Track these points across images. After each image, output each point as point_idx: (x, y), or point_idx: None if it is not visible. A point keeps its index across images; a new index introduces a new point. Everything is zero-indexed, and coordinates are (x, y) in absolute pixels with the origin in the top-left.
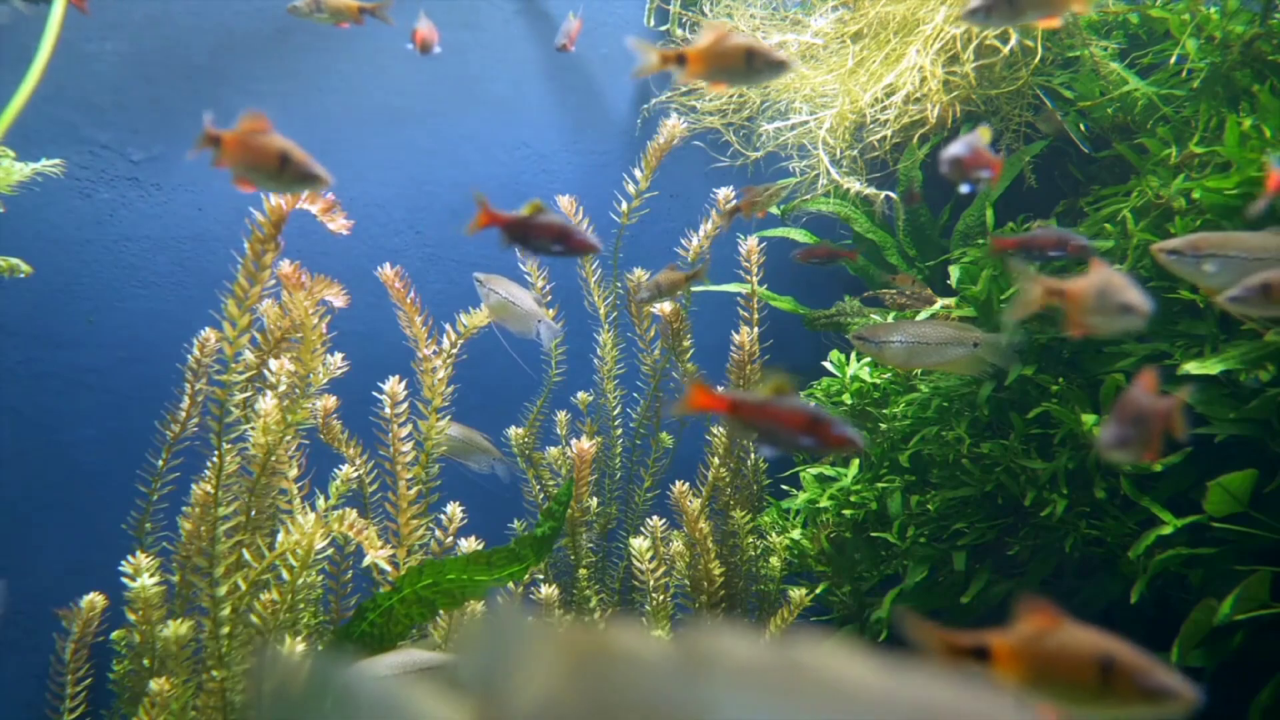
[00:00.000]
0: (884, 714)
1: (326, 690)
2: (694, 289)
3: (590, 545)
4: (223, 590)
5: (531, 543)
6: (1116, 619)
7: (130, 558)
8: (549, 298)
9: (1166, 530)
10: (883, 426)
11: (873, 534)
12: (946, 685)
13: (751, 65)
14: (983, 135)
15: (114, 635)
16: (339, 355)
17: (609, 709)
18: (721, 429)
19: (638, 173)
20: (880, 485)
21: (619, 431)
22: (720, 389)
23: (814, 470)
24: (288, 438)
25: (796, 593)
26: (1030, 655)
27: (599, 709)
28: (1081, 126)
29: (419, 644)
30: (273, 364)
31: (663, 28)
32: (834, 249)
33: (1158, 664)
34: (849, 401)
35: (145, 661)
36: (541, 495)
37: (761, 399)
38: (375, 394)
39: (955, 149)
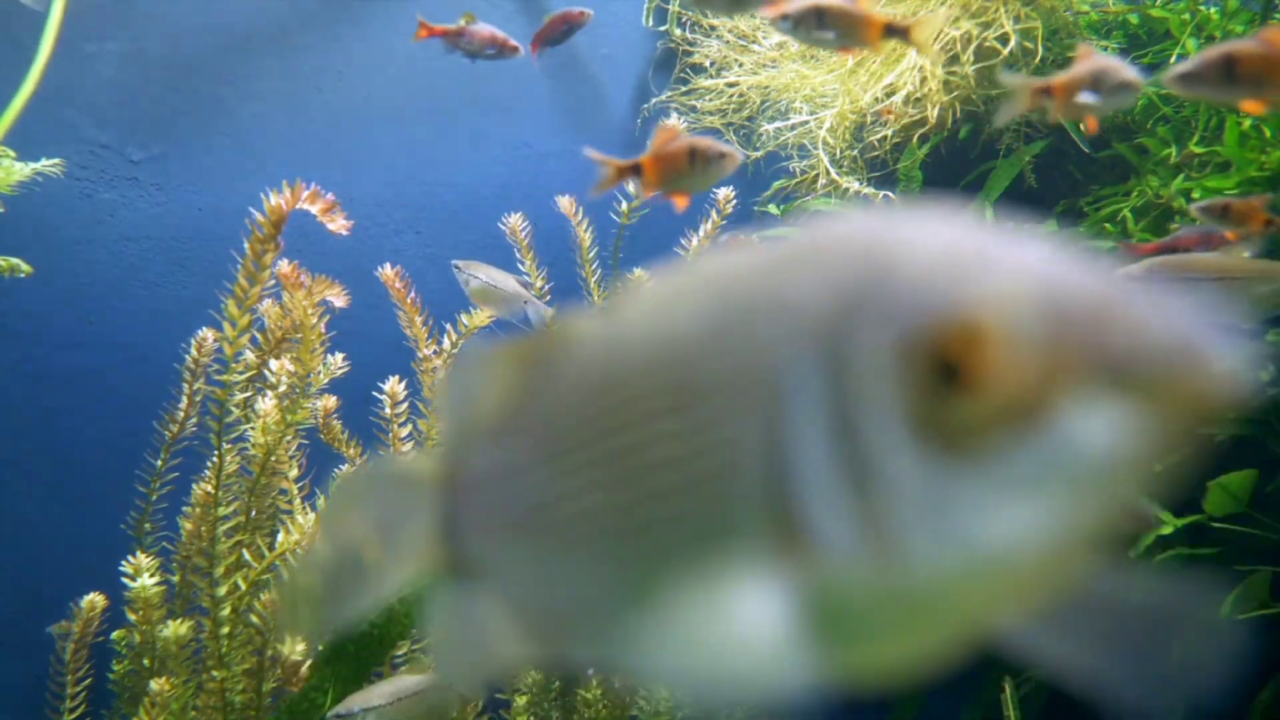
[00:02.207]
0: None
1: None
2: None
3: None
4: (223, 590)
5: None
6: None
7: (130, 558)
8: (548, 297)
9: (1166, 530)
10: None
11: None
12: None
13: (695, 163)
14: None
15: (114, 635)
16: (339, 355)
17: (554, 394)
18: None
19: None
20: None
21: None
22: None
23: None
24: (288, 438)
25: None
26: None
27: (545, 398)
28: (1081, 127)
29: (411, 666)
30: (273, 364)
31: (661, 28)
32: None
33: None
34: None
35: (145, 661)
36: None
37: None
38: (375, 394)
39: None
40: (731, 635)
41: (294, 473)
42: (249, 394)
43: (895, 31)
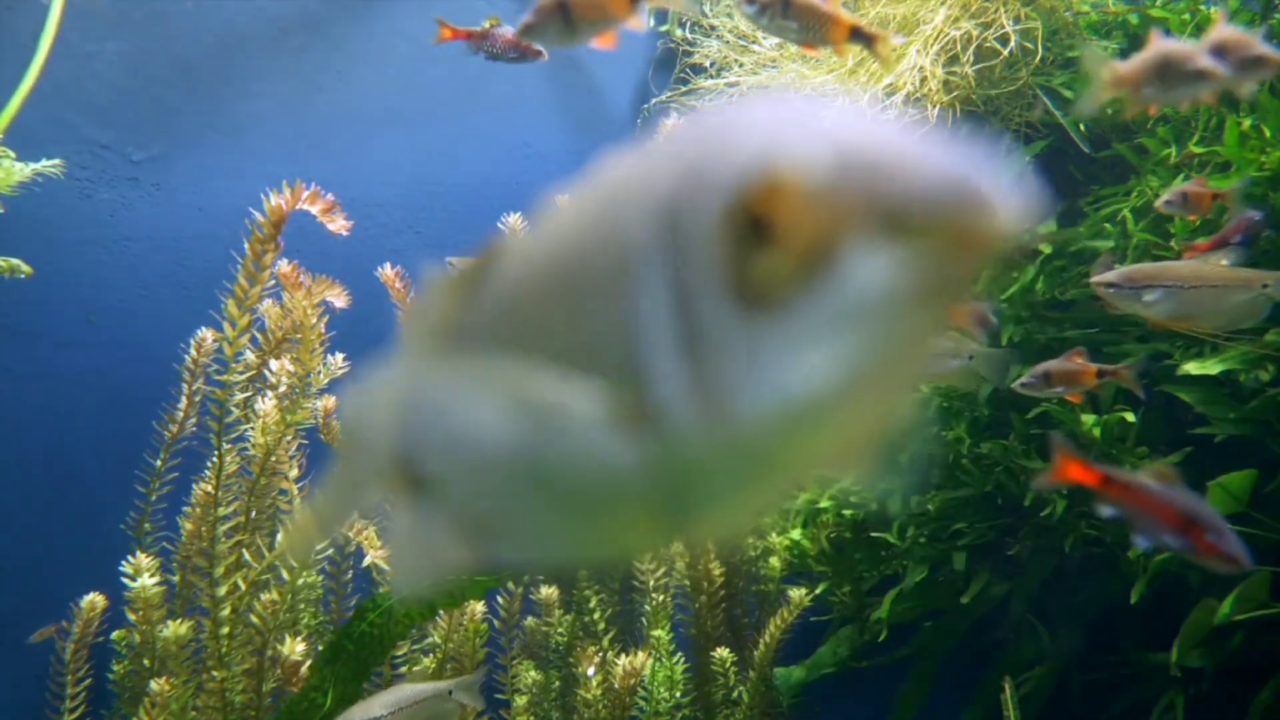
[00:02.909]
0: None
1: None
2: None
3: None
4: (223, 590)
5: None
6: (1116, 619)
7: (130, 558)
8: None
9: None
10: None
11: (873, 534)
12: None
13: None
14: None
15: (114, 635)
16: (339, 355)
17: (478, 311)
18: None
19: None
20: (880, 485)
21: None
22: (1095, 464)
23: None
24: (288, 438)
25: (796, 593)
26: None
27: (471, 317)
28: (1081, 126)
29: (413, 675)
30: (273, 364)
31: (662, 28)
32: None
33: None
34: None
35: (145, 661)
36: None
37: (1137, 480)
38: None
39: None
40: (606, 504)
41: (294, 473)
42: (249, 394)
43: (861, 36)
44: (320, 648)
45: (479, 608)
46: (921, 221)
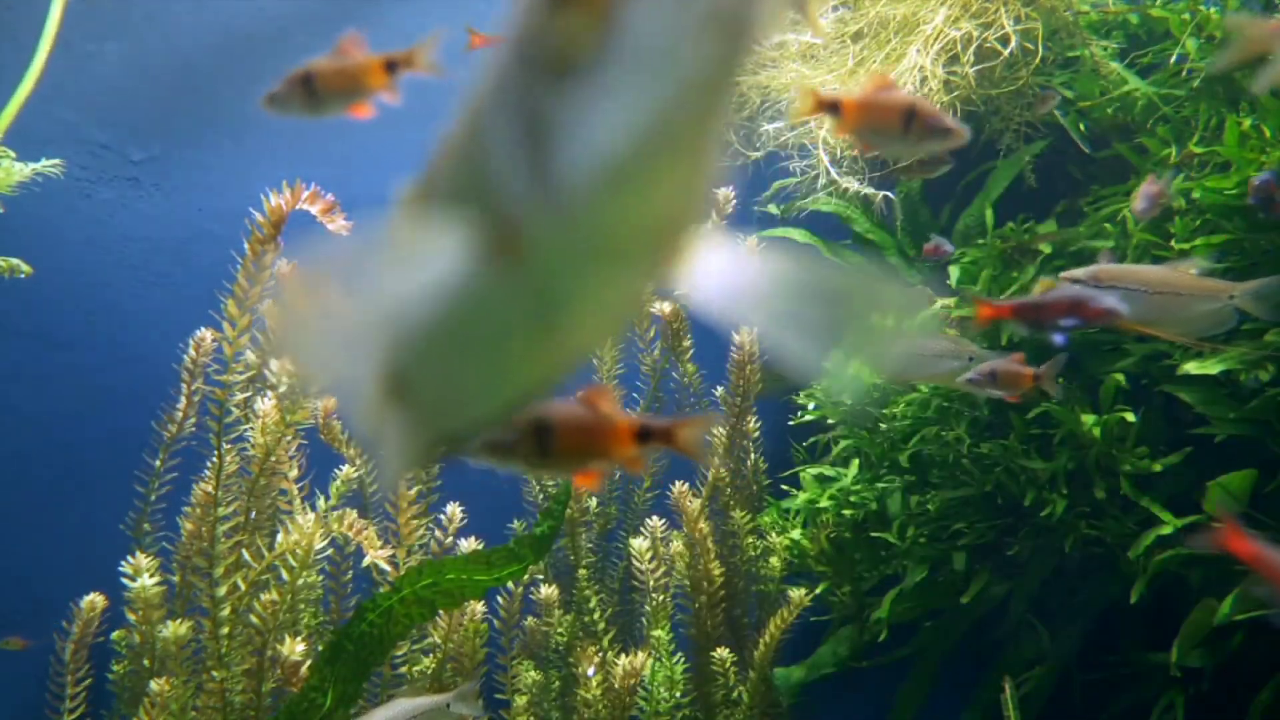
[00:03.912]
0: None
1: None
2: None
3: (590, 545)
4: (222, 590)
5: (530, 542)
6: (1116, 619)
7: (130, 558)
8: None
9: (1166, 530)
10: (883, 426)
11: (873, 534)
12: None
13: (909, 127)
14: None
15: (114, 635)
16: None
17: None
18: (724, 430)
19: None
20: (880, 485)
21: None
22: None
23: (814, 470)
24: (287, 438)
25: (796, 593)
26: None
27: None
28: (1081, 126)
29: (412, 680)
30: (273, 364)
31: None
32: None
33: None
34: (849, 401)
35: (145, 662)
36: (541, 495)
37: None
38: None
39: None
40: (496, 335)
41: (294, 473)
42: (249, 394)
43: (394, 65)
44: (320, 648)
45: (479, 608)
46: None
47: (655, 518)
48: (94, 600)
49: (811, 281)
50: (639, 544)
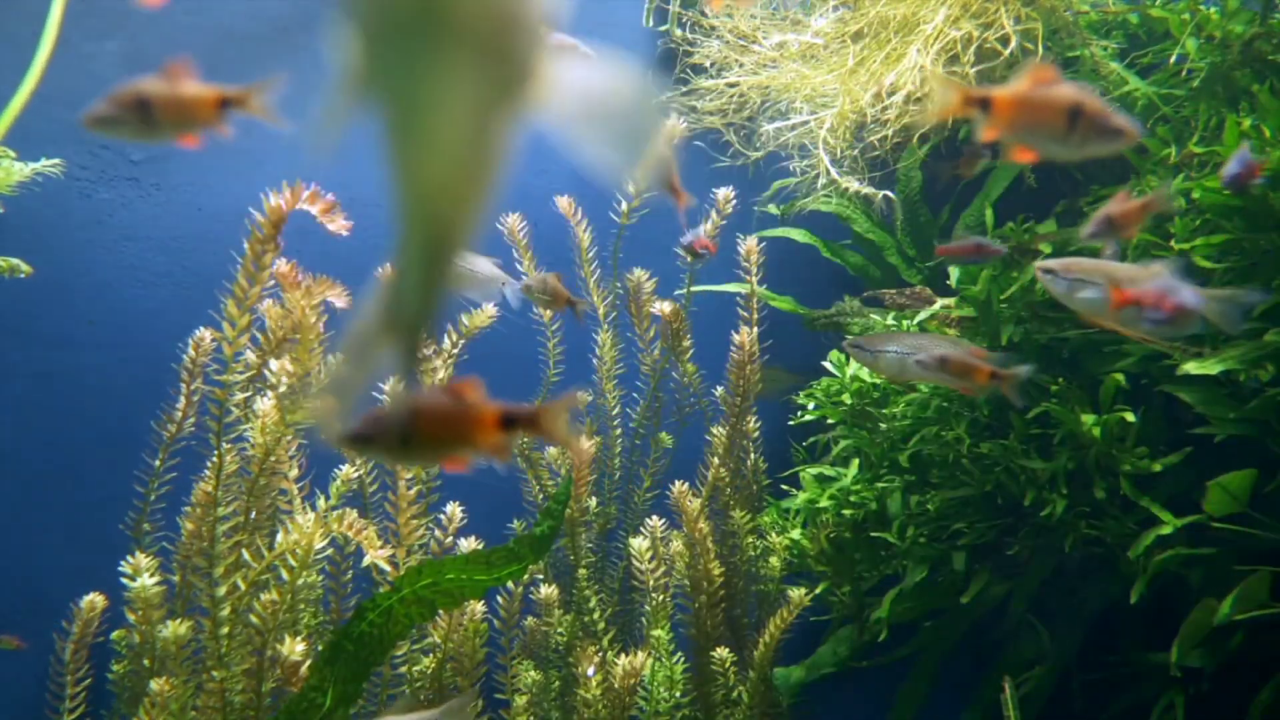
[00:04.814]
0: None
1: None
2: (693, 289)
3: (589, 545)
4: (222, 590)
5: (530, 542)
6: (1116, 619)
7: (130, 558)
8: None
9: (1166, 530)
10: (883, 426)
11: (872, 534)
12: None
13: (1074, 126)
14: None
15: (114, 635)
16: (339, 355)
17: None
18: (721, 429)
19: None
20: (880, 485)
21: (618, 431)
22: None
23: (814, 470)
24: (287, 438)
25: (796, 593)
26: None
27: None
28: None
29: (406, 701)
30: (273, 364)
31: (661, 28)
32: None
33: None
34: (849, 401)
35: (145, 661)
36: (540, 495)
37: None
38: (376, 394)
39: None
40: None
41: (294, 473)
42: (248, 394)
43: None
44: (320, 648)
45: (479, 608)
46: None
47: (655, 518)
48: (94, 600)
49: (620, 92)
50: (639, 544)
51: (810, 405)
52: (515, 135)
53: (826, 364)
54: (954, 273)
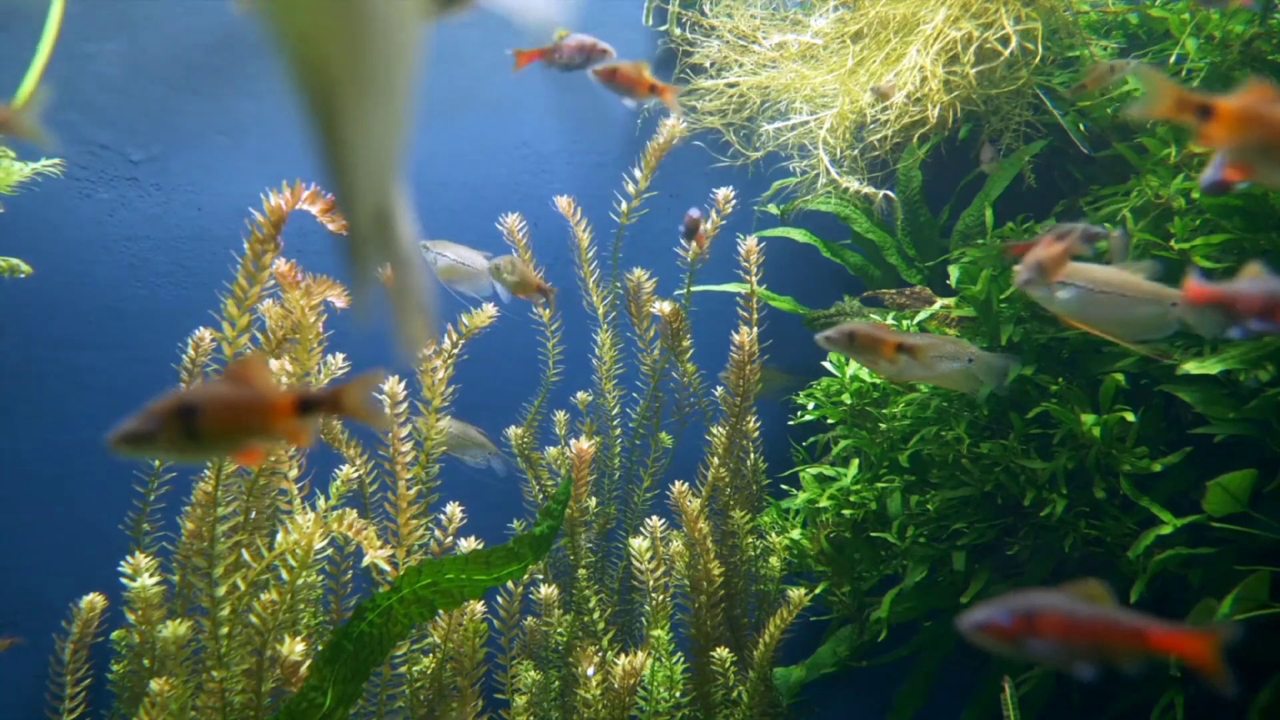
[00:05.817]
0: None
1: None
2: (693, 289)
3: (589, 545)
4: (222, 590)
5: (530, 542)
6: None
7: (129, 558)
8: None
9: (1166, 530)
10: (882, 426)
11: (872, 534)
12: None
13: None
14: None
15: (114, 635)
16: (339, 355)
17: None
18: (721, 429)
19: (637, 173)
20: (880, 485)
21: (618, 431)
22: None
23: (814, 470)
24: None
25: (796, 593)
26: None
27: None
28: (1081, 126)
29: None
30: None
31: (661, 27)
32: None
33: None
34: (848, 401)
35: (145, 661)
36: (540, 495)
37: None
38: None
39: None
40: None
41: (294, 473)
42: None
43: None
44: (320, 648)
45: (479, 607)
46: None
47: (655, 518)
48: (94, 600)
49: None
50: (639, 544)
51: (810, 405)
52: None
53: (826, 364)
54: (954, 272)
